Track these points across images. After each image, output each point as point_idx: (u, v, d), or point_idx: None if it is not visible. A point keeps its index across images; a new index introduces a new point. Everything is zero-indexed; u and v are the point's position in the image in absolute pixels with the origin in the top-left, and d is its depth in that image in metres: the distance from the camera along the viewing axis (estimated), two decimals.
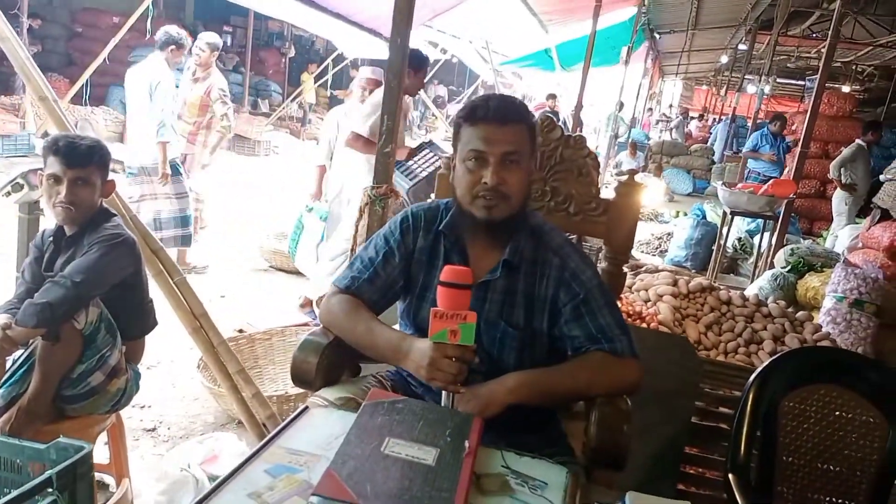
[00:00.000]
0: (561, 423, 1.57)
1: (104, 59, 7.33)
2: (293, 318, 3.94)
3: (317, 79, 13.40)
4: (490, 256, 1.44)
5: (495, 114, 1.36)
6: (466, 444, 1.10)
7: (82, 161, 1.81)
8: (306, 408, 1.27)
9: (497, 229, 1.41)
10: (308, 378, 1.42)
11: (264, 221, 6.11)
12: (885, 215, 4.83)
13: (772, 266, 5.07)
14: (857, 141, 6.85)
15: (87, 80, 8.12)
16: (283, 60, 14.94)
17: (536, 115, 1.66)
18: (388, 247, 1.50)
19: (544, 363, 1.42)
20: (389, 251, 1.49)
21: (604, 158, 9.50)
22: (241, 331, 3.57)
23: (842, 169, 6.66)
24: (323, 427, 1.19)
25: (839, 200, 6.81)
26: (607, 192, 1.90)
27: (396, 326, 1.53)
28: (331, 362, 1.46)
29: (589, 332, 1.39)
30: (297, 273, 4.93)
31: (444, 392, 1.28)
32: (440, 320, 1.22)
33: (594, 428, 1.30)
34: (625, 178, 1.91)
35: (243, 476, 1.00)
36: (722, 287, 3.42)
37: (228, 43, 14.32)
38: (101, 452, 2.02)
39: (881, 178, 4.93)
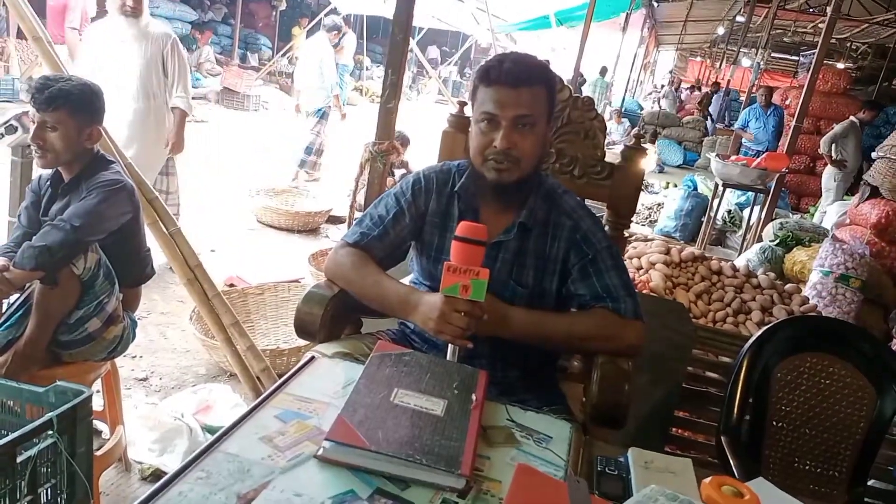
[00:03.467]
0: (559, 384, 1.59)
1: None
2: (285, 273, 3.94)
3: (308, 33, 13.14)
4: (503, 218, 1.44)
5: (508, 76, 1.32)
6: (473, 396, 1.12)
7: (47, 104, 1.76)
8: (313, 357, 1.27)
9: (508, 192, 1.40)
10: (312, 330, 1.42)
11: (254, 177, 6.05)
12: (874, 192, 4.86)
13: (760, 239, 5.12)
14: (851, 118, 6.85)
15: None
16: (274, 13, 14.62)
17: None
18: (399, 206, 1.49)
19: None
20: (400, 211, 1.49)
21: None
22: (231, 285, 3.56)
23: (832, 145, 6.67)
24: (330, 376, 1.20)
25: (829, 176, 6.84)
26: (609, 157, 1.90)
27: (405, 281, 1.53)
28: (334, 315, 1.46)
29: (595, 290, 1.40)
30: (288, 229, 4.91)
31: (450, 346, 1.28)
32: (453, 274, 1.22)
33: (595, 386, 1.32)
34: (622, 144, 1.91)
35: (254, 421, 1.00)
36: (713, 257, 3.46)
37: None
38: (94, 400, 2.02)
39: (872, 155, 4.95)
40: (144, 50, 3.40)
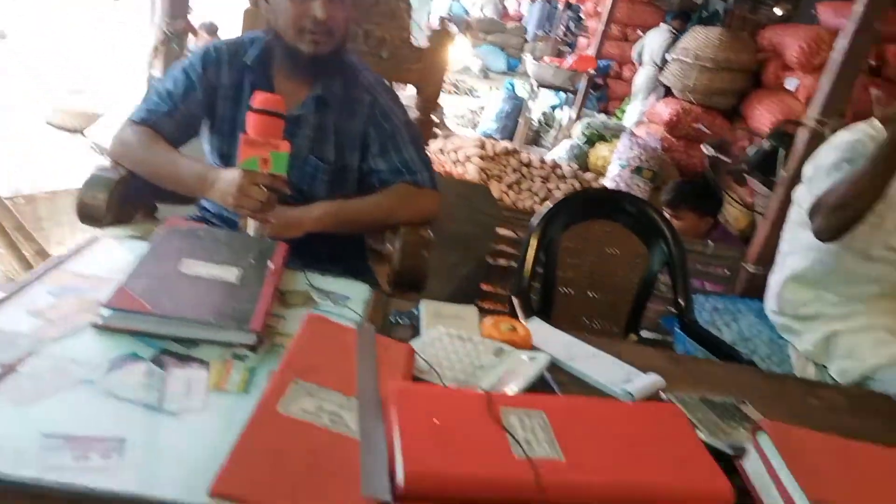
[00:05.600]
0: (368, 260, 1.64)
1: None
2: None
3: None
4: (299, 92, 1.41)
5: None
6: (270, 264, 1.11)
7: None
8: (96, 237, 1.19)
9: (316, 64, 1.37)
10: (97, 214, 1.33)
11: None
12: (669, 92, 5.33)
13: (570, 137, 5.47)
14: (663, 25, 7.33)
15: None
16: None
17: None
18: (189, 80, 1.41)
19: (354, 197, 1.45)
20: (190, 85, 1.41)
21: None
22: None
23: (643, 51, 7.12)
24: (114, 254, 1.13)
25: (646, 77, 7.27)
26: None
27: None
28: (122, 199, 1.37)
29: (393, 165, 1.44)
30: (82, 133, 4.45)
31: (251, 223, 1.26)
32: (251, 147, 1.19)
33: (398, 253, 1.38)
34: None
35: (22, 296, 0.93)
36: (524, 151, 3.66)
37: None
38: None
39: (666, 56, 5.39)
40: None
